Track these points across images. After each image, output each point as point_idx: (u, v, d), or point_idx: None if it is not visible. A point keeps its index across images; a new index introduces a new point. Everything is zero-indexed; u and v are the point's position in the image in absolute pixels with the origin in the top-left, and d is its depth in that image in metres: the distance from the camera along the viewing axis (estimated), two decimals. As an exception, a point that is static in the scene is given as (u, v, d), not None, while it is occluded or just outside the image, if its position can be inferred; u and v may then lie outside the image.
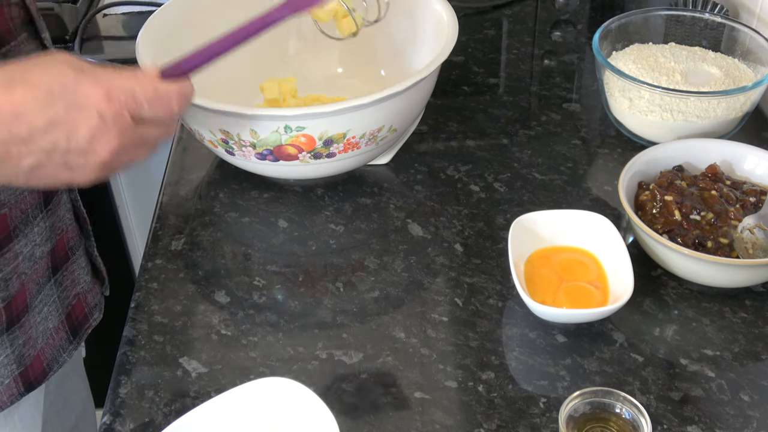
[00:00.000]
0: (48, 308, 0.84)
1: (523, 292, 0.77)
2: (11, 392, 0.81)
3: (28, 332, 0.81)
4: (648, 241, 0.82)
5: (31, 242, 0.79)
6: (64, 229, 0.85)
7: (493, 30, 1.27)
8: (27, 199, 0.77)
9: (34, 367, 0.83)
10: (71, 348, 0.88)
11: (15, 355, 0.80)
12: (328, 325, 0.81)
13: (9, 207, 0.75)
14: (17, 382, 0.81)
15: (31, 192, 0.77)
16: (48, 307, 0.84)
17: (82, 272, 0.90)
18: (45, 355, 0.84)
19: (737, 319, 0.80)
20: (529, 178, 0.97)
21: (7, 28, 0.73)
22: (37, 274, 0.81)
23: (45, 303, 0.83)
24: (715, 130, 0.97)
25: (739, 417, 0.71)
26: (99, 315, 0.94)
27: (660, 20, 1.08)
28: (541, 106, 1.10)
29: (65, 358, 0.87)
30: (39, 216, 0.80)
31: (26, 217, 0.78)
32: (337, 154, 0.88)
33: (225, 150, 0.90)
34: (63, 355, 0.87)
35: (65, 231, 0.86)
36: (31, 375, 0.82)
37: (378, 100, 0.84)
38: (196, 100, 0.84)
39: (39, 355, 0.83)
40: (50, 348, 0.85)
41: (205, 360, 0.78)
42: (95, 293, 0.93)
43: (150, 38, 0.95)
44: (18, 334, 0.80)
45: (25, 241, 0.78)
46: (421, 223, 0.92)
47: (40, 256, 0.81)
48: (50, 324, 0.84)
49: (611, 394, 0.69)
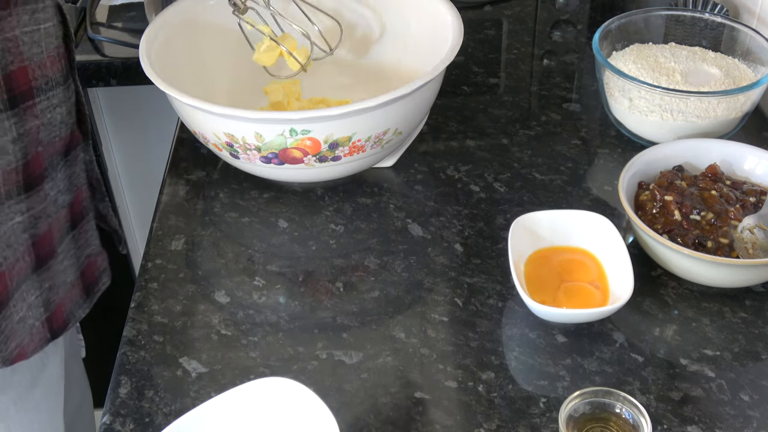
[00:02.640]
0: (68, 261, 0.90)
1: (523, 292, 0.77)
2: (41, 336, 0.86)
3: (53, 278, 0.87)
4: (648, 241, 0.82)
5: (56, 187, 0.85)
6: (79, 186, 0.91)
7: (493, 30, 1.27)
8: (56, 144, 0.84)
9: (57, 315, 0.88)
10: (85, 306, 0.94)
11: (43, 299, 0.86)
12: (328, 325, 0.81)
13: (44, 146, 0.82)
14: (44, 327, 0.86)
15: (60, 137, 0.85)
16: (68, 260, 0.90)
17: (93, 235, 0.95)
18: (65, 306, 0.90)
19: (737, 319, 0.80)
20: (529, 178, 0.97)
21: None
22: (60, 223, 0.87)
23: (65, 255, 0.89)
24: (715, 130, 0.97)
25: (739, 417, 0.71)
26: (107, 280, 0.99)
27: (660, 20, 1.08)
28: (541, 106, 1.10)
29: (80, 315, 0.93)
30: (61, 163, 0.86)
31: (53, 161, 0.84)
32: (342, 157, 0.88)
33: (230, 153, 0.90)
34: (78, 312, 0.93)
35: (80, 189, 0.91)
36: (55, 322, 0.88)
37: (384, 103, 0.84)
38: (200, 103, 0.84)
39: (61, 305, 0.89)
40: (69, 301, 0.90)
41: (205, 360, 0.78)
42: (104, 258, 0.98)
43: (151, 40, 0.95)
44: (45, 277, 0.85)
45: (52, 184, 0.84)
46: (421, 223, 0.92)
47: (62, 205, 0.87)
48: (69, 278, 0.90)
49: (611, 394, 0.69)
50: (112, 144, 1.42)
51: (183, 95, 0.85)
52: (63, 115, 0.84)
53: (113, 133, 1.41)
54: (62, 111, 0.84)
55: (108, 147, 1.42)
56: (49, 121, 0.82)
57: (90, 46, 1.26)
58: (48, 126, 0.82)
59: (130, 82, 1.24)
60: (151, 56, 0.92)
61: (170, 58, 0.95)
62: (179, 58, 0.98)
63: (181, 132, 1.07)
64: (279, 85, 1.01)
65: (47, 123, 0.82)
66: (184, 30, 1.00)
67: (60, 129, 0.84)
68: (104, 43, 1.26)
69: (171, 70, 0.92)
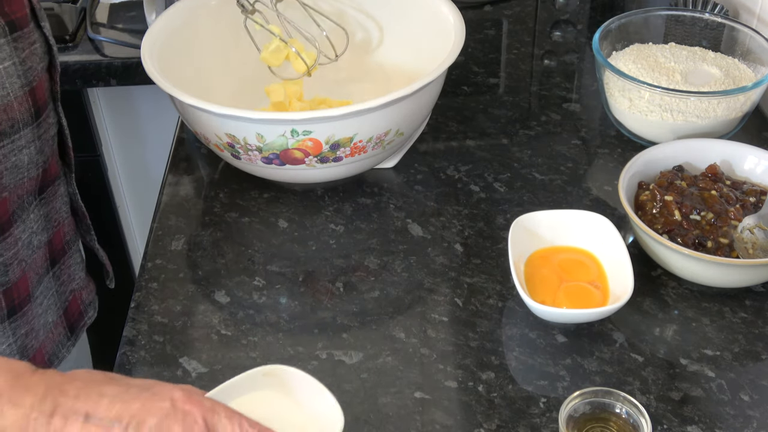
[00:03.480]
0: (48, 301, 0.84)
1: (523, 292, 0.77)
2: None
3: (31, 322, 0.81)
4: (648, 241, 0.82)
5: (29, 229, 0.79)
6: (60, 221, 0.86)
7: (493, 30, 1.27)
8: (25, 185, 0.77)
9: (36, 361, 0.83)
10: (69, 344, 0.89)
11: (18, 345, 0.80)
12: (328, 325, 0.81)
13: (9, 191, 0.76)
14: None
15: (30, 178, 0.78)
16: (48, 300, 0.84)
17: (77, 268, 0.90)
18: (46, 349, 0.84)
19: (737, 319, 0.80)
20: (529, 178, 0.97)
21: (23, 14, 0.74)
22: (36, 264, 0.81)
23: (45, 295, 0.84)
24: (715, 130, 0.97)
25: (739, 417, 0.71)
26: (93, 313, 0.94)
27: (660, 20, 1.08)
28: (541, 106, 1.10)
29: (64, 354, 0.88)
30: (34, 203, 0.80)
31: (23, 203, 0.78)
32: (343, 158, 0.88)
33: (231, 154, 0.90)
34: (62, 351, 0.87)
35: (62, 224, 0.86)
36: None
37: (385, 104, 0.84)
38: (201, 104, 0.84)
39: (41, 349, 0.83)
40: (51, 342, 0.85)
41: (205, 360, 0.78)
42: (90, 290, 0.93)
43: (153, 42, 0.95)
44: (20, 323, 0.80)
45: (23, 227, 0.79)
46: (421, 223, 0.92)
47: (38, 245, 0.81)
48: (50, 318, 0.85)
49: (611, 394, 0.69)
50: (112, 144, 1.42)
51: (185, 95, 0.85)
52: (32, 155, 0.77)
53: (113, 133, 1.42)
54: (30, 151, 0.77)
55: (108, 147, 1.42)
56: (14, 165, 0.75)
57: (90, 46, 1.26)
58: (13, 170, 0.75)
59: (130, 82, 1.24)
60: (153, 56, 0.92)
61: (172, 58, 0.95)
62: (181, 58, 0.98)
63: (181, 132, 1.07)
64: (280, 86, 1.01)
65: (12, 167, 0.75)
66: (185, 30, 1.00)
67: (29, 170, 0.77)
68: (104, 43, 1.26)
69: (173, 71, 0.92)
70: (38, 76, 0.76)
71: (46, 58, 0.78)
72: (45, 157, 0.80)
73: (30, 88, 0.75)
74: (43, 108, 0.78)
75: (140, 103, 1.39)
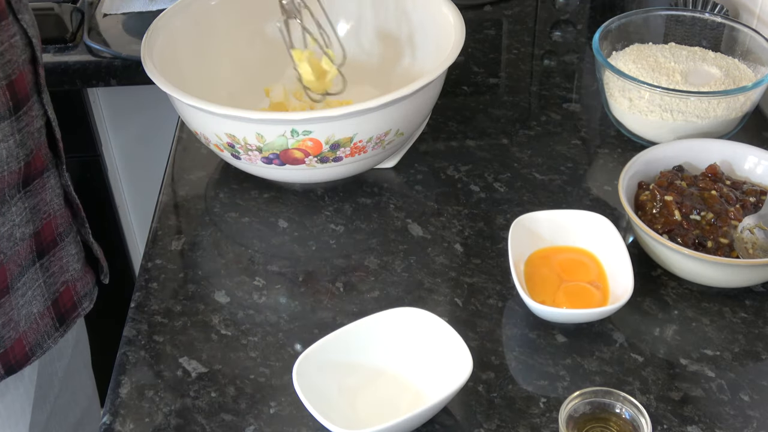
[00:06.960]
0: (32, 292, 0.84)
1: (523, 292, 0.77)
2: None
3: (9, 314, 0.81)
4: (648, 241, 0.82)
5: (9, 222, 0.79)
6: (51, 213, 0.85)
7: (493, 30, 1.27)
8: (5, 178, 0.77)
9: (15, 350, 0.82)
10: (57, 335, 0.88)
11: None
12: (328, 325, 0.81)
13: None
14: None
15: (10, 171, 0.77)
16: (32, 291, 0.84)
17: (71, 259, 0.89)
18: (27, 339, 0.84)
19: (737, 319, 0.80)
20: (529, 178, 0.97)
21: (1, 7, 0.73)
22: (18, 256, 0.81)
23: (29, 287, 0.83)
24: (715, 130, 0.97)
25: (739, 417, 0.71)
26: (89, 305, 0.93)
27: (660, 20, 1.08)
28: (541, 106, 1.10)
29: (50, 345, 0.87)
30: (16, 196, 0.79)
31: (3, 196, 0.77)
32: (343, 158, 0.88)
33: (231, 154, 0.90)
34: (48, 341, 0.87)
35: (53, 216, 0.85)
36: (12, 358, 0.82)
37: (385, 104, 0.84)
38: (201, 104, 0.84)
39: (21, 339, 0.83)
40: (33, 333, 0.84)
41: (205, 360, 0.78)
42: (86, 282, 0.92)
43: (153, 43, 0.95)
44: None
45: (3, 220, 0.78)
46: (421, 223, 0.92)
47: (21, 238, 0.81)
48: (34, 309, 0.84)
49: (611, 394, 0.69)
50: (112, 144, 1.42)
51: (185, 95, 0.85)
52: (11, 148, 0.76)
53: (113, 133, 1.42)
54: (9, 145, 0.76)
55: (108, 147, 1.42)
56: None
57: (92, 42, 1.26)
58: None
59: (130, 82, 1.24)
60: (153, 56, 0.92)
61: (172, 58, 0.95)
62: (181, 58, 0.98)
63: (181, 132, 1.07)
64: (280, 86, 1.01)
65: None
66: (185, 30, 1.00)
67: (8, 163, 0.76)
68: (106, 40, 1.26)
69: (172, 71, 0.92)
70: (18, 69, 0.75)
71: (27, 50, 0.77)
72: (28, 150, 0.79)
73: (8, 81, 0.74)
74: (24, 101, 0.77)
75: (140, 103, 1.39)
